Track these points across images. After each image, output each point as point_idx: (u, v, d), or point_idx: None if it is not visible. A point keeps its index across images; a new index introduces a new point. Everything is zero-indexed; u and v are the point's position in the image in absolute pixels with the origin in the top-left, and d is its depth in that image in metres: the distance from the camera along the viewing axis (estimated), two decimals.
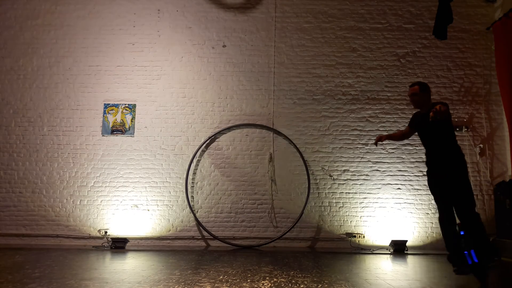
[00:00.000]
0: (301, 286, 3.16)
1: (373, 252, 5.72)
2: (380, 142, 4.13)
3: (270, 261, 4.58)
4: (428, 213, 6.28)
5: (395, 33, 6.78)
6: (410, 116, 6.45)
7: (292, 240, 6.24)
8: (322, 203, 6.36)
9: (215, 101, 6.66)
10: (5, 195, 6.44)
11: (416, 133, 3.96)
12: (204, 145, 6.50)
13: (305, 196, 6.28)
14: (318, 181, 6.41)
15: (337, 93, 6.64)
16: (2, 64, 6.79)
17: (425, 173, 6.34)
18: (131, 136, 6.56)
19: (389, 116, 6.58)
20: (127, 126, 6.59)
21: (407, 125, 4.16)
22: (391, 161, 6.43)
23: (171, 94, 6.69)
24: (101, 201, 6.40)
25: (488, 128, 6.50)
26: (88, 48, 6.82)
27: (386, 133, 4.22)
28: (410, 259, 5.19)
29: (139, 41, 6.82)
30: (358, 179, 6.39)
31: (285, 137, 6.47)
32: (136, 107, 6.64)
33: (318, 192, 6.39)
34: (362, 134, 6.52)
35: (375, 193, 6.35)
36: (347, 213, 6.32)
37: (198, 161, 6.49)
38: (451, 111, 6.45)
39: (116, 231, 6.26)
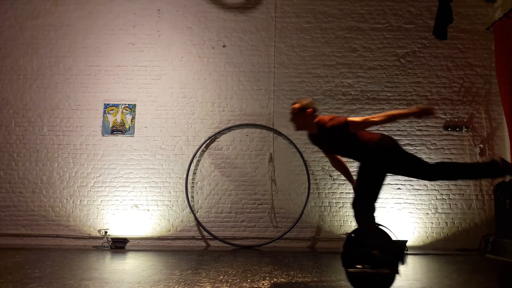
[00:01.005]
0: (301, 286, 3.16)
1: None
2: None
3: (270, 261, 4.58)
4: (428, 213, 6.28)
5: (395, 33, 6.78)
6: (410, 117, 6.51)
7: (292, 240, 6.24)
8: (322, 203, 6.36)
9: (215, 101, 6.66)
10: (5, 195, 6.44)
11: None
12: (204, 145, 6.50)
13: (305, 196, 6.28)
14: (318, 181, 6.41)
15: (337, 93, 6.64)
16: (2, 64, 6.79)
17: None
18: (131, 136, 6.56)
19: None
20: (127, 126, 6.59)
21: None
22: None
23: (171, 94, 6.69)
24: (101, 201, 6.40)
25: (488, 128, 6.50)
26: (88, 48, 6.81)
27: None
28: (410, 259, 5.19)
29: (139, 41, 6.82)
30: None
31: (285, 137, 6.47)
32: (136, 107, 6.64)
33: (318, 192, 6.39)
34: None
35: None
36: (347, 213, 6.32)
37: (198, 161, 6.49)
38: (450, 111, 6.54)
39: (116, 231, 6.26)
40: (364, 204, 3.07)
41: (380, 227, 3.05)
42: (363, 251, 2.90)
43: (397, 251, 2.96)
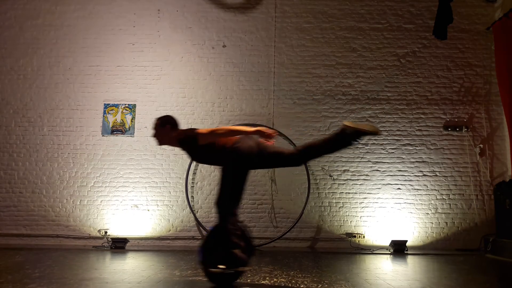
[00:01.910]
0: (301, 286, 3.16)
1: (373, 252, 5.72)
2: None
3: (270, 261, 4.58)
4: (428, 213, 6.28)
5: (395, 33, 6.78)
6: (410, 116, 6.52)
7: (292, 240, 6.24)
8: (322, 203, 6.36)
9: (215, 101, 6.66)
10: (5, 195, 6.44)
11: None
12: None
13: (305, 196, 6.28)
14: (318, 181, 6.41)
15: (337, 93, 6.64)
16: (2, 64, 6.79)
17: (425, 173, 6.39)
18: (131, 136, 6.56)
19: (389, 116, 6.58)
20: (127, 126, 6.59)
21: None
22: (391, 161, 6.43)
23: (171, 94, 6.69)
24: (101, 201, 6.40)
25: (488, 128, 6.50)
26: (88, 48, 6.81)
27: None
28: (410, 259, 5.19)
29: (139, 41, 6.82)
30: (358, 179, 6.39)
31: (285, 137, 6.46)
32: (136, 107, 6.64)
33: (318, 192, 6.39)
34: None
35: (375, 193, 6.35)
36: (347, 213, 6.32)
37: None
38: (450, 111, 6.54)
39: (116, 231, 6.25)
40: (226, 203, 3.15)
41: (240, 225, 3.16)
42: (223, 250, 3.00)
43: (251, 248, 3.18)
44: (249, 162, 3.20)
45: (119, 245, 5.85)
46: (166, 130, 3.29)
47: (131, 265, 4.34)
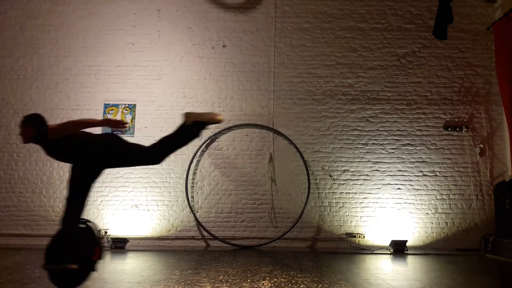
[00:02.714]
0: (301, 286, 3.16)
1: (373, 252, 5.72)
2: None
3: (270, 261, 4.59)
4: (428, 213, 6.28)
5: (395, 33, 6.78)
6: (410, 116, 6.53)
7: (292, 240, 6.24)
8: (322, 203, 6.36)
9: (215, 101, 6.66)
10: (5, 195, 6.44)
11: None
12: (204, 145, 6.50)
13: (305, 196, 6.28)
14: (318, 181, 6.41)
15: (337, 93, 6.64)
16: (2, 64, 6.79)
17: (425, 173, 6.39)
18: (131, 136, 6.54)
19: (389, 116, 6.58)
20: (127, 126, 6.58)
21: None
22: (391, 161, 6.43)
23: (171, 94, 6.69)
24: (101, 201, 6.40)
25: (488, 128, 6.50)
26: (88, 48, 6.81)
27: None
28: (410, 259, 5.19)
29: (139, 41, 6.82)
30: (358, 179, 6.39)
31: (285, 137, 6.47)
32: (136, 107, 6.64)
33: (318, 192, 6.39)
34: (362, 134, 6.52)
35: (375, 193, 6.35)
36: (347, 213, 6.32)
37: (198, 161, 6.49)
38: (450, 111, 6.54)
39: (116, 231, 6.25)
40: (73, 200, 3.14)
41: (87, 224, 3.11)
42: (64, 247, 2.97)
43: (95, 247, 3.06)
44: (101, 160, 3.17)
45: (119, 245, 5.85)
46: (28, 128, 3.15)
47: (131, 265, 4.34)
